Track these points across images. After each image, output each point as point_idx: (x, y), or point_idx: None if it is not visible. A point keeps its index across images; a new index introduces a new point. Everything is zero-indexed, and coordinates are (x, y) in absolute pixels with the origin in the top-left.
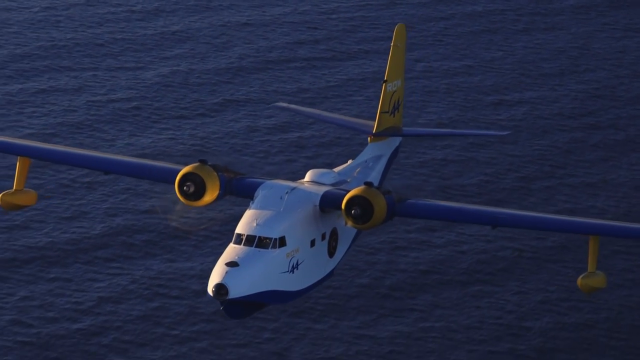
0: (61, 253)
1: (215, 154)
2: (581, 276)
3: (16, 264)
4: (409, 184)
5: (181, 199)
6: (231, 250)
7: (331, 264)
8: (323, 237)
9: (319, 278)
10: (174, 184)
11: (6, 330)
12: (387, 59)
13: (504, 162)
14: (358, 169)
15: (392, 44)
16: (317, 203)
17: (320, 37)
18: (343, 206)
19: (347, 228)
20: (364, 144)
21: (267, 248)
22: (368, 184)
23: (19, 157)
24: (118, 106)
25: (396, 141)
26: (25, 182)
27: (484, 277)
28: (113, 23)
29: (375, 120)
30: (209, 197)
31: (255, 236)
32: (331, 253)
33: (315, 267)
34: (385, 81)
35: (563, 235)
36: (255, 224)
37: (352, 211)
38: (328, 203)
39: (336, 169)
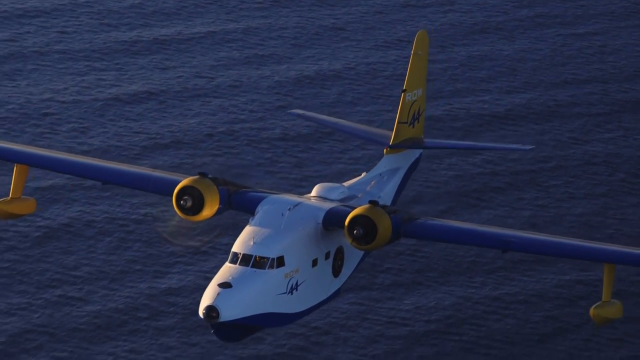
0: None
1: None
2: (594, 306)
3: None
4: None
5: (178, 213)
6: (226, 270)
7: (336, 283)
8: (327, 257)
9: (322, 299)
10: (172, 196)
11: None
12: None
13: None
14: (372, 183)
15: (412, 52)
16: (320, 221)
17: None
18: (346, 225)
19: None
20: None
21: (264, 268)
22: (373, 203)
23: (15, 164)
24: None
25: (415, 153)
26: (22, 190)
27: None
28: None
29: (392, 131)
30: (207, 211)
31: (251, 255)
32: (336, 273)
33: (318, 287)
34: (404, 90)
35: None
36: (252, 243)
37: (355, 231)
38: (331, 221)
39: (347, 183)
